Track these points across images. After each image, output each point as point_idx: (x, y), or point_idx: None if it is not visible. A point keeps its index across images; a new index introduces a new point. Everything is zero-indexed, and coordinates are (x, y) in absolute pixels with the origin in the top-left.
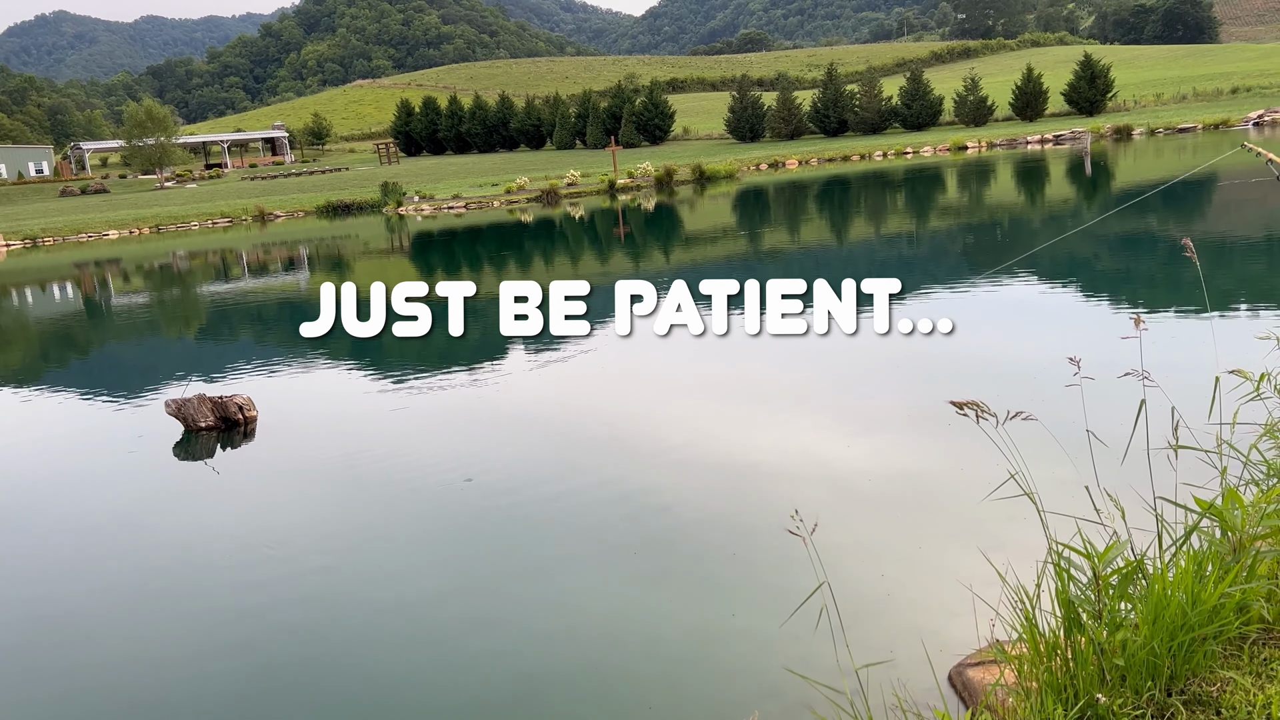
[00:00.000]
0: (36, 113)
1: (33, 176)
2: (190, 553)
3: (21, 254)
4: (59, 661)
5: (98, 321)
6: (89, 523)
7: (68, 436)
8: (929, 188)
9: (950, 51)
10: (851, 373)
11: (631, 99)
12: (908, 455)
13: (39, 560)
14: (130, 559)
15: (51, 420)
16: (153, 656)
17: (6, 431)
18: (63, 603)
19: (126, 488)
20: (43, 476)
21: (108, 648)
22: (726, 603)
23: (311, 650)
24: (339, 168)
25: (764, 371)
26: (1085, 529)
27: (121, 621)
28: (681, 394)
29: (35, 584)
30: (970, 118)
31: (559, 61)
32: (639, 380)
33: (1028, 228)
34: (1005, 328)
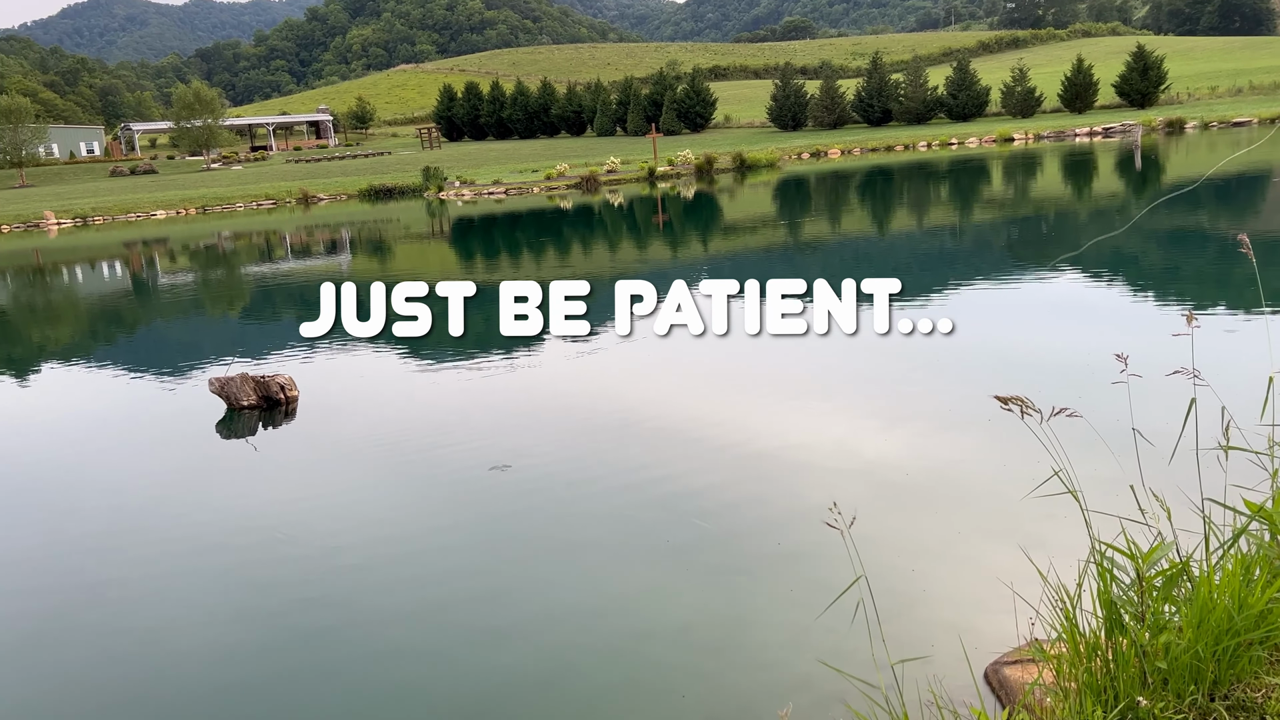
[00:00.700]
0: (88, 93)
1: (84, 156)
2: (229, 526)
3: (72, 232)
4: (101, 626)
5: (145, 299)
6: (133, 495)
7: (115, 411)
8: (973, 179)
9: (998, 41)
10: (890, 369)
11: (673, 86)
12: (948, 450)
13: (84, 529)
14: (171, 531)
15: (99, 395)
16: (190, 624)
17: (57, 405)
18: (105, 571)
19: (170, 462)
20: (90, 450)
21: (146, 615)
22: (760, 593)
23: (341, 623)
24: (381, 152)
25: (799, 366)
26: (1129, 529)
27: (160, 591)
28: (715, 388)
29: (81, 553)
30: (1018, 109)
31: (601, 48)
32: (676, 374)
33: (1074, 221)
34: (1051, 323)
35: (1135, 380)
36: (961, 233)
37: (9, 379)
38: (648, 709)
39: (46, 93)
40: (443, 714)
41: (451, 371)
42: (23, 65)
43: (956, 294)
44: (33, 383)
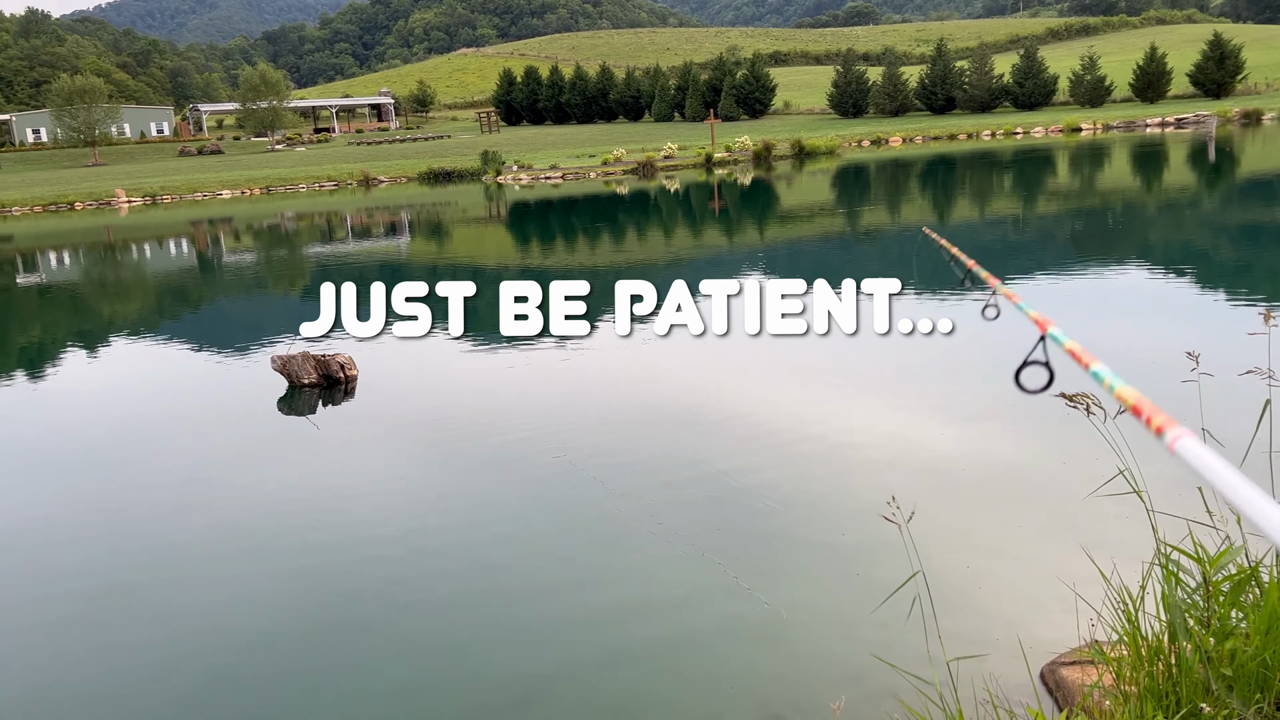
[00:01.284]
0: (159, 75)
1: (154, 136)
2: (287, 501)
3: (142, 210)
4: (161, 599)
5: (210, 277)
6: (195, 468)
7: (180, 386)
8: (1038, 170)
9: (1068, 28)
10: (949, 362)
11: (732, 71)
12: (1008, 446)
13: (147, 501)
14: (231, 505)
15: (165, 370)
16: (247, 598)
17: (124, 379)
18: (166, 543)
19: (233, 437)
20: (154, 423)
21: (205, 588)
22: (813, 586)
23: (391, 600)
24: (441, 135)
25: (855, 359)
26: (1196, 532)
27: (218, 564)
28: (770, 382)
29: (142, 525)
30: (1086, 98)
31: (660, 32)
32: (730, 368)
33: (1142, 214)
34: (1119, 319)
35: (1206, 379)
36: (1024, 224)
37: (80, 353)
38: (697, 700)
39: (119, 73)
40: (486, 699)
41: (508, 358)
42: (97, 46)
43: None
44: (101, 356)
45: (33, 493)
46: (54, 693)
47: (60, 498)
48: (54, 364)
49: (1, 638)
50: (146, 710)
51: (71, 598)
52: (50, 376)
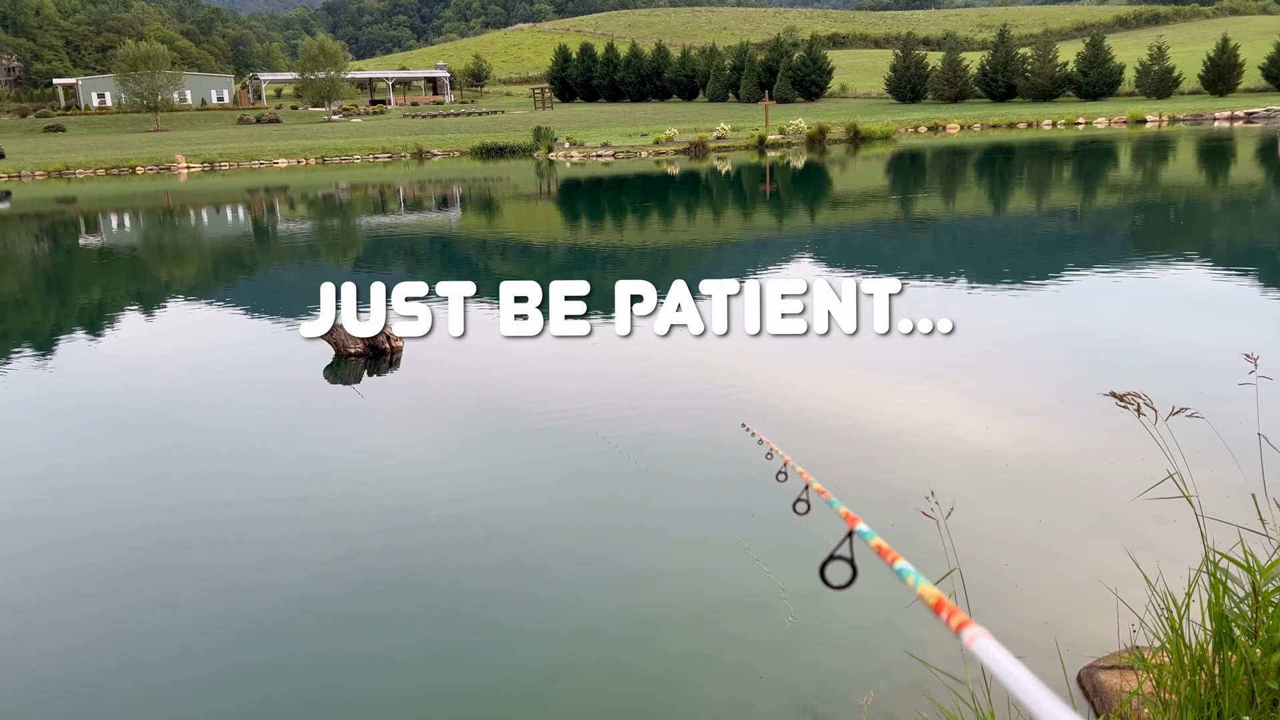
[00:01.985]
0: (221, 43)
1: (214, 104)
2: (327, 468)
3: (200, 176)
4: (205, 558)
5: (264, 244)
6: (241, 432)
7: (228, 351)
8: (1099, 161)
9: (1137, 17)
10: (1000, 354)
11: (789, 53)
12: (1055, 444)
13: (192, 463)
14: (275, 468)
15: (215, 334)
16: (291, 556)
17: (175, 341)
18: (210, 505)
19: (277, 404)
20: (203, 386)
21: (251, 547)
22: None
23: (426, 568)
24: (495, 110)
25: (903, 349)
26: (1247, 539)
27: (259, 526)
28: (814, 373)
29: (188, 486)
30: (1153, 89)
31: (718, 12)
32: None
33: (1204, 210)
34: (1174, 316)
35: (1265, 382)
36: (1082, 216)
37: (134, 314)
38: (725, 685)
39: (183, 41)
40: (516, 670)
41: (555, 341)
42: (162, 13)
43: (1075, 280)
44: (154, 318)
45: (82, 450)
46: (107, 638)
47: (109, 456)
48: (108, 324)
49: (56, 586)
50: (190, 660)
51: (122, 550)
52: (104, 337)
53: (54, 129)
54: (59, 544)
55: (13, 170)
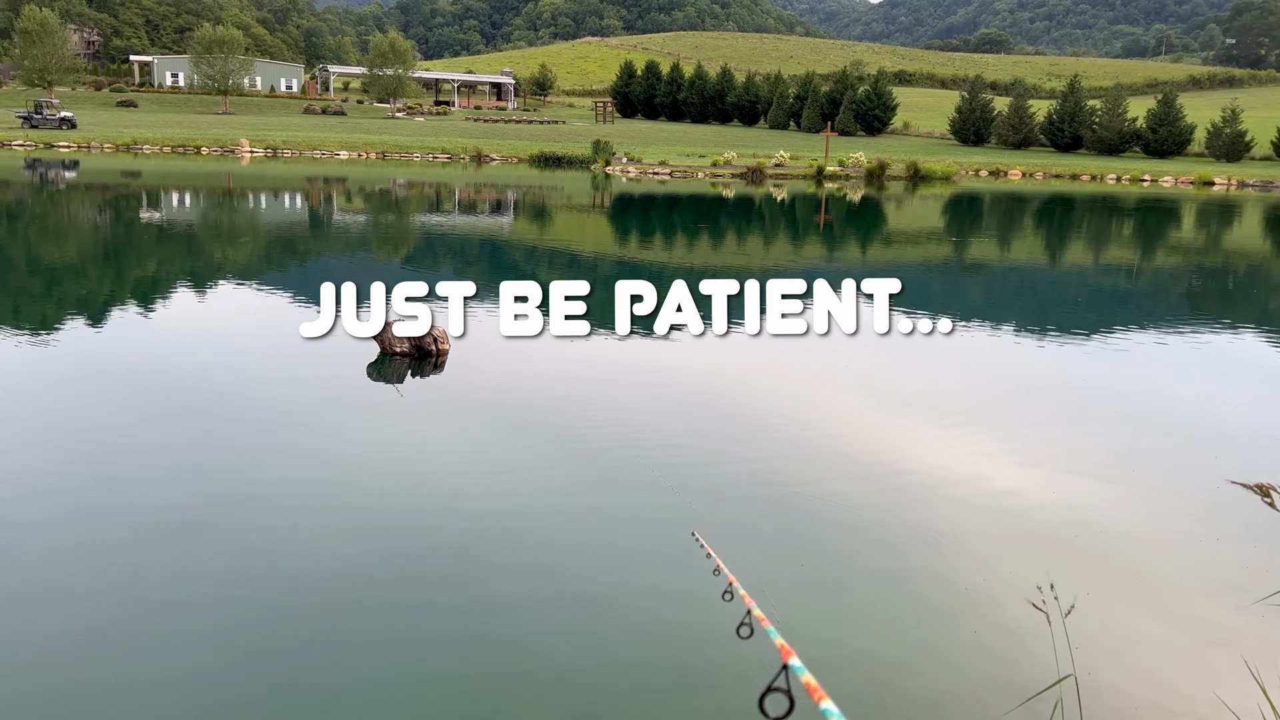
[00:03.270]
0: (294, 33)
1: (282, 92)
2: (361, 462)
3: (262, 162)
4: (237, 535)
5: (317, 233)
6: (280, 420)
7: (275, 338)
8: (1162, 220)
9: (1211, 78)
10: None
11: (854, 85)
12: (1161, 524)
13: (230, 445)
14: (307, 457)
15: (264, 319)
16: (316, 548)
17: (223, 322)
18: (243, 489)
19: (319, 396)
20: (244, 368)
21: (270, 531)
22: (951, 642)
23: (450, 566)
24: (556, 120)
25: (954, 399)
26: None
27: (293, 513)
28: (867, 394)
29: (222, 467)
30: (1223, 152)
31: (786, 40)
32: (834, 377)
33: (1265, 279)
34: (1232, 390)
35: None
36: (1139, 274)
37: (185, 292)
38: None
39: (258, 28)
40: (532, 674)
41: (602, 351)
42: (239, 0)
43: (1126, 337)
44: (205, 298)
45: (121, 420)
46: (131, 608)
47: (146, 426)
48: (160, 298)
49: (84, 555)
50: (206, 633)
51: (149, 520)
52: (154, 310)
53: (126, 104)
54: (90, 507)
55: (83, 140)
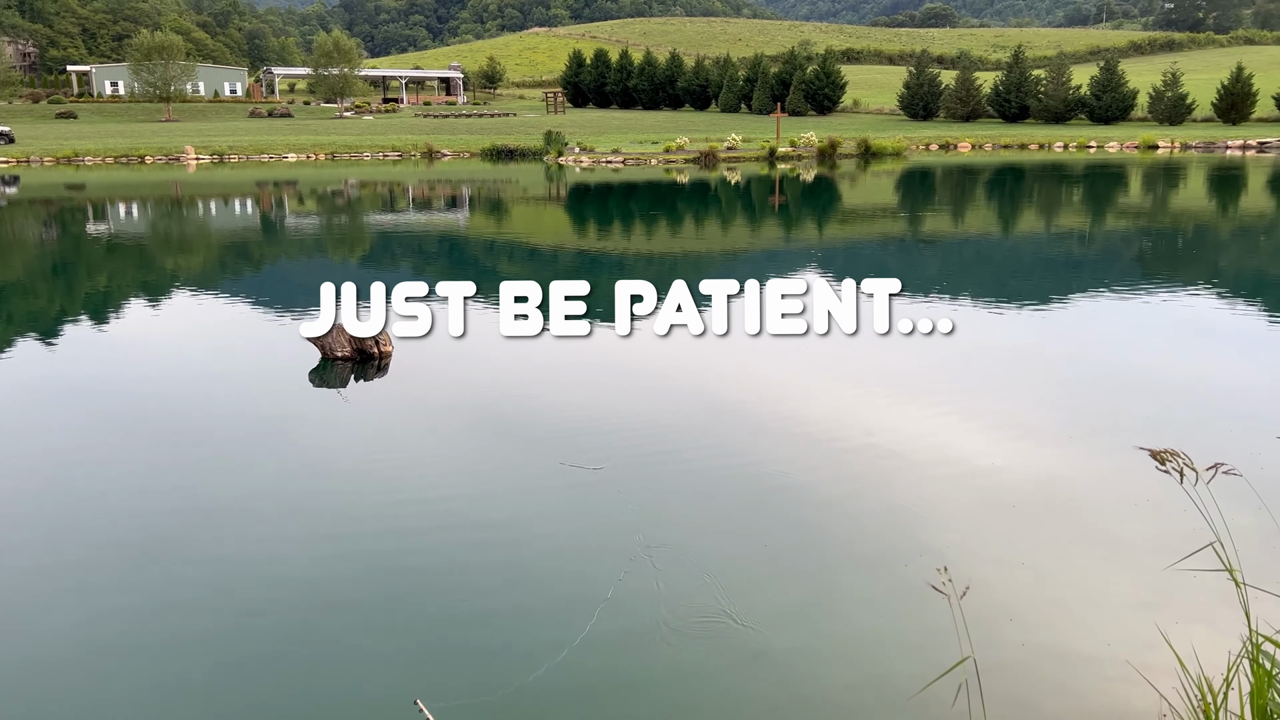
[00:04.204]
0: (236, 36)
1: (226, 96)
2: (311, 473)
3: (209, 168)
4: (196, 554)
5: (267, 239)
6: (226, 437)
7: (220, 346)
8: (1109, 185)
9: (1151, 43)
10: (1012, 386)
11: (803, 66)
12: (1082, 498)
13: (176, 459)
14: (264, 471)
15: (208, 329)
16: (282, 562)
17: (170, 334)
18: (203, 501)
19: (261, 406)
20: (184, 382)
21: (235, 549)
22: (847, 629)
23: (408, 568)
24: (507, 113)
25: (899, 363)
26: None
27: (249, 528)
28: (842, 383)
29: (171, 482)
30: (1166, 116)
31: (733, 23)
32: (790, 367)
33: (1215, 239)
34: (1202, 355)
35: None
36: (1090, 240)
37: (132, 304)
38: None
39: (198, 32)
40: (492, 668)
41: (548, 350)
42: (179, 4)
43: (1085, 302)
44: (152, 310)
45: (71, 438)
46: (89, 630)
47: (97, 444)
48: (107, 313)
49: (40, 578)
50: (177, 649)
51: (106, 541)
52: (101, 325)
53: (65, 115)
54: (47, 531)
55: (22, 155)
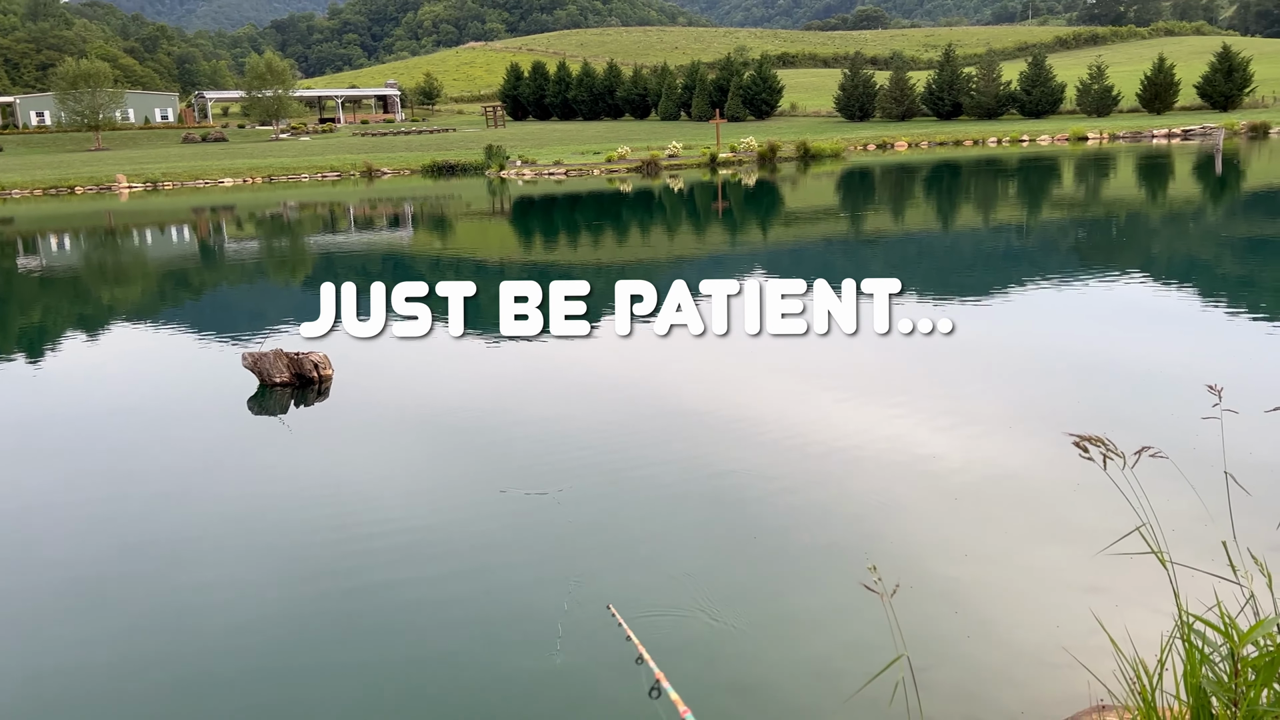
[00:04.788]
0: (166, 61)
1: (158, 122)
2: (260, 500)
3: (143, 196)
4: (144, 594)
5: (204, 267)
6: (161, 468)
7: (157, 378)
8: (1043, 178)
9: (1076, 37)
10: (953, 378)
11: (740, 72)
12: (1013, 489)
13: (114, 497)
14: (201, 504)
15: (145, 361)
16: (227, 593)
17: (103, 368)
18: (136, 541)
19: (200, 434)
20: (123, 417)
21: (185, 583)
22: (789, 630)
23: (366, 591)
24: (446, 128)
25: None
26: (1220, 590)
27: (192, 561)
28: (783, 381)
29: (114, 521)
30: (1093, 107)
31: (669, 31)
32: (737, 368)
33: (1146, 226)
34: (1131, 340)
35: (1231, 416)
36: (1028, 231)
37: (67, 340)
38: None
39: (126, 59)
40: (457, 699)
41: (487, 359)
42: (104, 31)
43: (1021, 294)
44: (88, 344)
45: (9, 480)
46: (45, 680)
47: (40, 486)
48: (41, 348)
49: None
50: (138, 693)
51: (57, 586)
52: (36, 361)
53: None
54: None
55: None
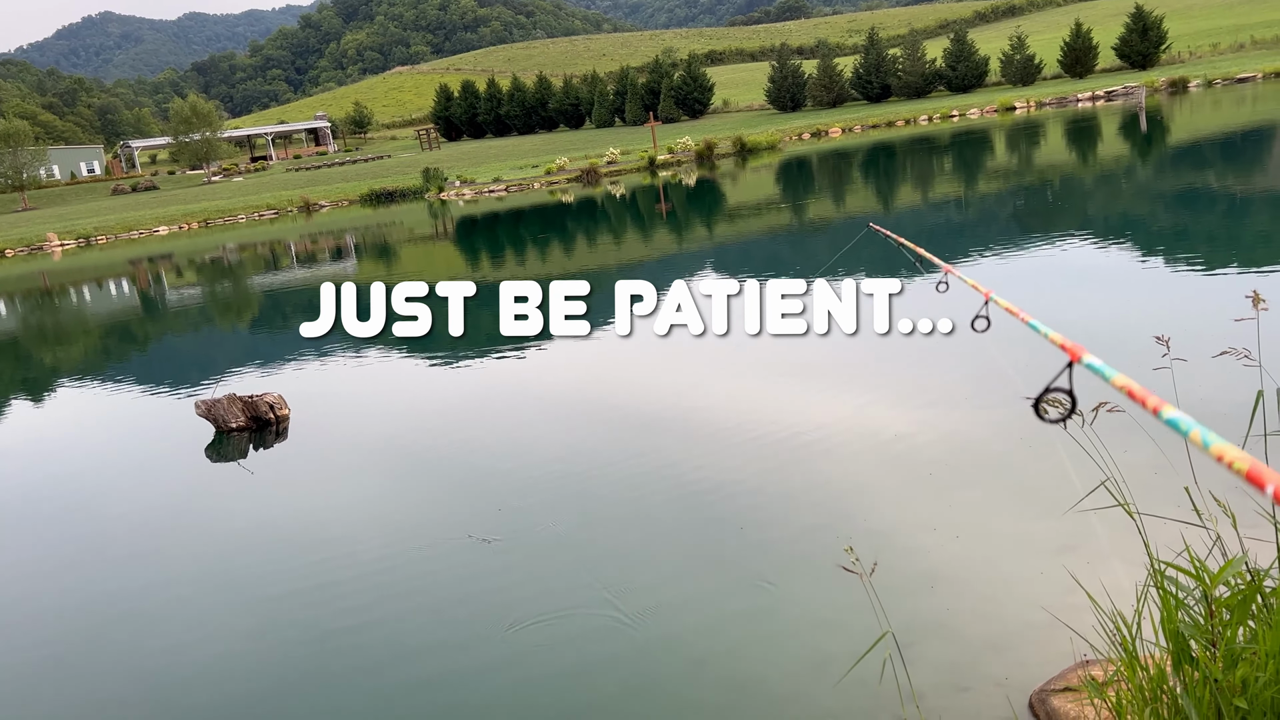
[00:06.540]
0: (87, 113)
1: (85, 176)
2: (229, 551)
3: (76, 253)
4: (116, 650)
5: (146, 318)
6: (123, 524)
7: (108, 436)
8: (976, 151)
9: (994, 10)
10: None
11: (669, 73)
12: (974, 449)
13: (79, 555)
14: (166, 556)
15: (90, 421)
16: (200, 644)
17: (50, 430)
18: (116, 598)
19: (160, 489)
20: (79, 477)
21: (158, 637)
22: (775, 621)
23: (336, 632)
24: (381, 155)
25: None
26: (1190, 537)
27: (177, 613)
28: (745, 378)
29: (80, 579)
30: (1018, 77)
31: (596, 39)
32: (695, 371)
33: (1080, 188)
34: (1073, 295)
35: (1181, 365)
36: (967, 205)
37: (8, 405)
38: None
39: (46, 114)
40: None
41: (445, 379)
42: (20, 89)
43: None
44: (32, 408)
45: None
46: None
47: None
48: None
49: None
50: None
51: (27, 661)
52: None
53: None
54: None
55: None
